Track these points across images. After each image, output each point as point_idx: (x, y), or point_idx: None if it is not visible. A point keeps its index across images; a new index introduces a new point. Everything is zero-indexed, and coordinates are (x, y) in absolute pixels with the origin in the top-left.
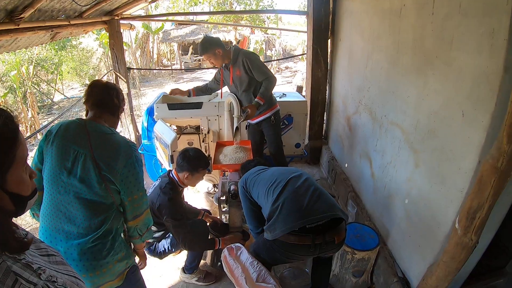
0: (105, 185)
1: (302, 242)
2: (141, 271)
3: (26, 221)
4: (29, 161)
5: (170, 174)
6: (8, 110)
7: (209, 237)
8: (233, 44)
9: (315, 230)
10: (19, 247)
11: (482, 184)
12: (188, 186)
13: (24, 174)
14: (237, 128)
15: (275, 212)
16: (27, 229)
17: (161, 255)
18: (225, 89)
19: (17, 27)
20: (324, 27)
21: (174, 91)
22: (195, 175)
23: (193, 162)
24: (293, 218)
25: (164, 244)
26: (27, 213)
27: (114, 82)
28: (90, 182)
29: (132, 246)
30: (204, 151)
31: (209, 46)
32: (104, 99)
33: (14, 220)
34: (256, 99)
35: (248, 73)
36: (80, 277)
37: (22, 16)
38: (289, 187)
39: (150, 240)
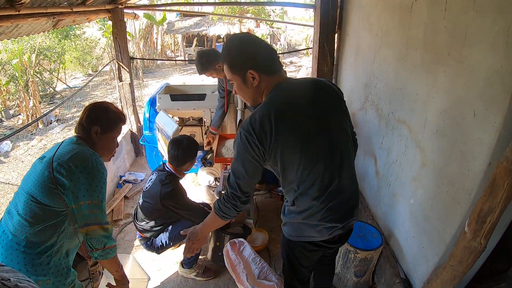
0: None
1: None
2: (141, 264)
3: None
4: None
5: (166, 167)
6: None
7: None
8: None
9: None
10: None
11: (494, 187)
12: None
13: None
14: (240, 120)
15: (311, 217)
16: None
17: (159, 249)
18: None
19: (17, 13)
20: (331, 21)
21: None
22: (193, 162)
23: (192, 152)
24: (330, 232)
25: (162, 238)
26: None
27: (117, 72)
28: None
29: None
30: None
31: (208, 64)
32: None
33: None
34: None
35: None
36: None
37: (22, 1)
38: (330, 186)
39: (147, 235)
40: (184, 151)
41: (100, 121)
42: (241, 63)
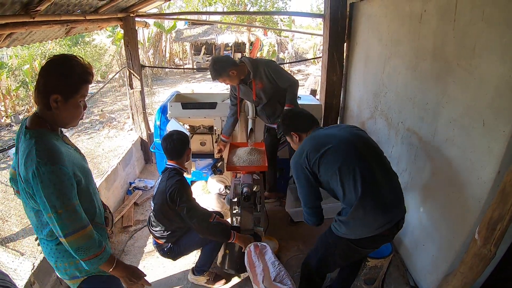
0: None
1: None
2: (148, 270)
3: None
4: None
5: (168, 166)
6: None
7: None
8: (241, 56)
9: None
10: None
11: (504, 195)
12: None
13: None
14: (251, 129)
15: (359, 211)
16: None
17: (176, 256)
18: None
19: (32, 20)
20: (340, 31)
21: (219, 150)
22: (190, 149)
23: (186, 138)
24: (379, 223)
25: (179, 245)
26: None
27: (128, 80)
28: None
29: None
30: (216, 152)
31: (221, 70)
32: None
33: None
34: (286, 107)
35: (272, 82)
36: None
37: (38, 9)
38: (368, 179)
39: (163, 241)
40: (179, 140)
41: (61, 87)
42: (285, 129)
